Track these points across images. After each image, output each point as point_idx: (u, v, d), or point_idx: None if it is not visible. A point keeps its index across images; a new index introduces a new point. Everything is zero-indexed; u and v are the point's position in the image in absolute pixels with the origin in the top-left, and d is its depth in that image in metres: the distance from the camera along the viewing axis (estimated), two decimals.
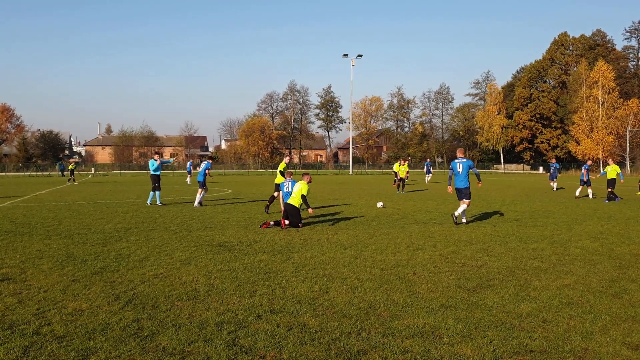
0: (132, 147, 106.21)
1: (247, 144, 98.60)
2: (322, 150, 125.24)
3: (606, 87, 76.14)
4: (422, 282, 7.34)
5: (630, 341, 4.96)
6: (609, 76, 76.19)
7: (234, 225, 13.56)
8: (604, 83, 76.10)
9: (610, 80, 76.22)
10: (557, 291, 6.80)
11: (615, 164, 23.37)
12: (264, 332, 5.22)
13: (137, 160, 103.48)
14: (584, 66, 79.98)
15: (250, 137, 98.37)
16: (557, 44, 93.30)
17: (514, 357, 4.60)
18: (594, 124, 76.95)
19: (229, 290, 6.79)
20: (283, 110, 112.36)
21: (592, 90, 77.14)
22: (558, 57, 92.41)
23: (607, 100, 76.26)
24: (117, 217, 15.50)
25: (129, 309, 5.96)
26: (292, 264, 8.46)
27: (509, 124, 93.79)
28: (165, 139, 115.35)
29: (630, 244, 10.55)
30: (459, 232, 12.28)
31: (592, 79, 77.33)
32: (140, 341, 4.96)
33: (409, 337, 5.10)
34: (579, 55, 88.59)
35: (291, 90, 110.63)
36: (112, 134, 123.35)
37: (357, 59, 74.30)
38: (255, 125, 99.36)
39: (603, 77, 76.06)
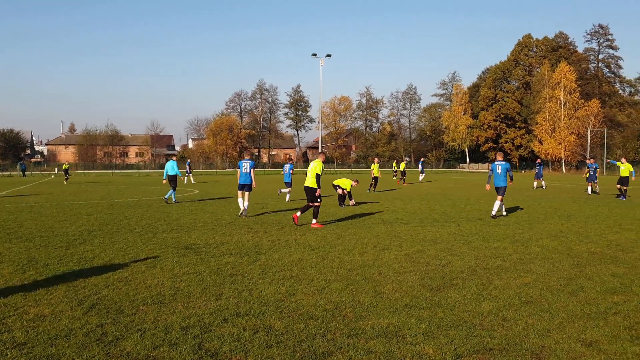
0: (96, 147, 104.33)
1: (214, 143, 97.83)
2: (291, 149, 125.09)
3: (568, 88, 78.03)
4: (387, 282, 7.45)
5: (585, 338, 5.14)
6: (570, 77, 78.14)
7: (200, 226, 13.50)
8: (565, 84, 77.99)
9: (571, 82, 78.17)
10: (517, 290, 6.99)
11: (628, 163, 23.89)
12: (230, 335, 5.24)
13: (101, 160, 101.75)
14: (547, 67, 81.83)
15: (218, 136, 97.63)
16: (521, 45, 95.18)
17: (474, 356, 4.72)
18: (556, 124, 78.78)
19: (195, 294, 6.78)
20: (252, 109, 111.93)
21: (554, 91, 78.99)
22: (522, 58, 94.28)
23: (568, 101, 78.15)
24: (81, 219, 15.27)
25: (93, 314, 5.91)
26: (259, 266, 8.49)
27: (475, 124, 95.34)
28: (130, 138, 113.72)
29: (588, 243, 10.88)
30: (424, 232, 12.47)
31: (554, 80, 79.18)
32: (104, 347, 4.93)
33: (373, 337, 5.19)
34: (542, 57, 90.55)
35: (260, 89, 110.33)
36: (76, 132, 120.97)
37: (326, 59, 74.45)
38: (224, 124, 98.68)
39: (565, 79, 77.97)
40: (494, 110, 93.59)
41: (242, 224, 14.03)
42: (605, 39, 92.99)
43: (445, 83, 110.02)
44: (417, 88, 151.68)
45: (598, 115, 77.01)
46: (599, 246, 10.44)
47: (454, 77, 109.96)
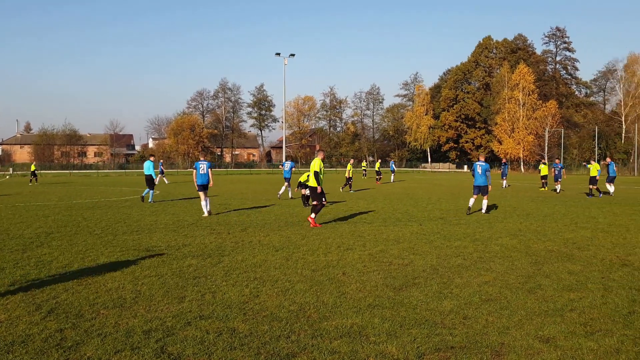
0: (53, 146, 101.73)
1: (176, 143, 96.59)
2: (254, 149, 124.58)
3: (526, 89, 79.87)
4: (351, 282, 7.50)
5: (542, 334, 5.28)
6: (529, 79, 79.99)
7: (162, 228, 13.33)
8: (524, 85, 79.79)
9: (530, 83, 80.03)
10: (478, 288, 7.12)
11: (596, 163, 25.07)
12: (193, 338, 5.20)
13: (58, 160, 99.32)
14: (506, 69, 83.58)
15: (179, 135, 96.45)
16: (482, 47, 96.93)
17: (436, 354, 4.80)
18: (515, 124, 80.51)
19: (157, 297, 6.70)
20: (214, 108, 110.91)
21: (513, 92, 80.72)
22: (482, 59, 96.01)
23: (527, 101, 79.99)
24: (38, 220, 14.90)
25: (51, 319, 5.78)
26: (223, 268, 8.44)
27: (436, 124, 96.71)
28: (89, 138, 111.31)
29: (545, 241, 11.16)
30: (387, 231, 12.58)
31: (513, 81, 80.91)
32: (64, 352, 4.83)
33: (337, 337, 5.23)
34: (502, 59, 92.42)
35: (222, 88, 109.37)
36: (32, 132, 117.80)
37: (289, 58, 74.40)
38: (185, 124, 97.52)
39: (523, 80, 79.78)
40: (455, 110, 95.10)
41: (205, 225, 13.91)
42: (562, 41, 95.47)
43: (408, 84, 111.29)
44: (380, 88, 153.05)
45: (555, 115, 79.03)
46: (556, 244, 10.73)
47: (416, 78, 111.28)
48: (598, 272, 8.12)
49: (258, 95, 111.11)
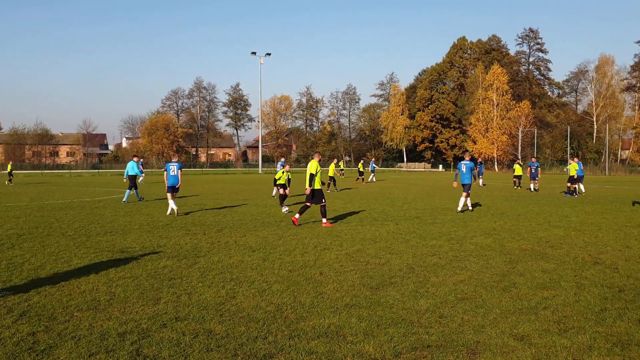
0: (24, 146, 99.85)
1: (150, 142, 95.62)
2: (230, 148, 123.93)
3: (500, 89, 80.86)
4: (328, 282, 7.51)
5: (517, 332, 5.34)
6: (502, 79, 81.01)
7: (136, 229, 13.18)
8: (498, 86, 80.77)
9: (504, 83, 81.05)
10: (453, 287, 7.19)
11: (575, 162, 25.47)
12: (169, 340, 5.15)
13: (30, 160, 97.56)
14: (480, 69, 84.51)
15: (153, 135, 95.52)
16: (456, 47, 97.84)
17: (413, 353, 4.83)
18: (489, 124, 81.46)
19: (132, 299, 6.62)
20: (189, 107, 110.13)
21: (487, 93, 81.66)
22: (457, 60, 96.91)
23: (501, 102, 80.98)
24: (9, 222, 14.61)
25: (24, 322, 5.67)
26: (198, 269, 8.37)
27: (412, 124, 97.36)
28: (61, 137, 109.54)
29: (519, 240, 11.30)
30: (364, 231, 12.63)
31: (487, 81, 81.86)
32: (36, 356, 4.74)
33: (314, 338, 5.22)
34: (476, 59, 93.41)
35: (197, 87, 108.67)
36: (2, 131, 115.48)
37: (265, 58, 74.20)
38: (159, 123, 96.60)
39: (497, 80, 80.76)
40: (430, 110, 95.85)
41: (180, 226, 13.80)
42: (535, 42, 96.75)
43: (384, 84, 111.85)
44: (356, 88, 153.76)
45: (528, 116, 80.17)
46: (529, 243, 10.87)
47: (392, 78, 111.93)
48: (571, 270, 8.25)
49: (234, 94, 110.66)
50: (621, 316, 5.83)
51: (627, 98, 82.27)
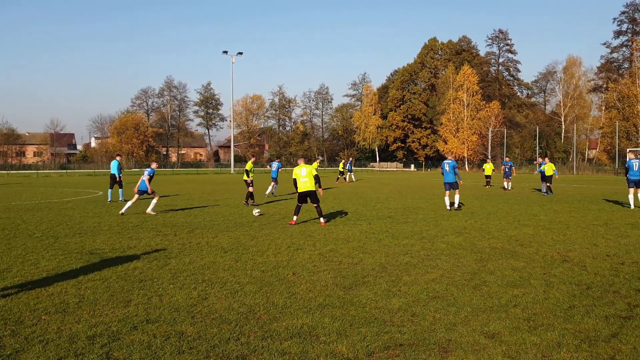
0: None
1: (119, 142, 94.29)
2: (202, 148, 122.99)
3: (470, 90, 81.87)
4: (301, 282, 7.50)
5: (488, 330, 5.41)
6: (473, 80, 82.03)
7: (105, 230, 12.98)
8: (468, 86, 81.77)
9: (474, 84, 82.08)
10: (425, 285, 7.24)
11: (550, 162, 26.18)
12: (140, 343, 5.08)
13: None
14: (451, 70, 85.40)
15: (123, 134, 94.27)
16: (427, 48, 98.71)
17: (386, 352, 4.85)
18: (459, 124, 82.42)
19: (101, 301, 6.51)
20: (159, 106, 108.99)
21: (458, 93, 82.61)
22: (428, 61, 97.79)
23: (471, 102, 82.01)
24: None
25: None
26: (170, 271, 8.27)
27: (384, 124, 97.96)
28: (28, 137, 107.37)
29: (490, 238, 11.45)
30: (337, 231, 12.65)
31: (458, 82, 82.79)
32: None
33: (287, 338, 5.21)
34: (447, 60, 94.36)
35: (168, 86, 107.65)
36: None
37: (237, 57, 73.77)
38: (129, 122, 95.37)
39: (468, 81, 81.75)
40: (402, 111, 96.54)
41: (150, 227, 13.63)
42: (505, 43, 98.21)
43: (356, 84, 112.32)
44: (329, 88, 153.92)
45: (498, 116, 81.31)
46: (499, 241, 11.02)
47: (364, 79, 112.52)
48: (540, 268, 8.39)
49: (205, 93, 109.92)
50: (589, 313, 5.95)
51: (594, 99, 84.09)
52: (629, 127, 66.67)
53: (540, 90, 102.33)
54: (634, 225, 13.58)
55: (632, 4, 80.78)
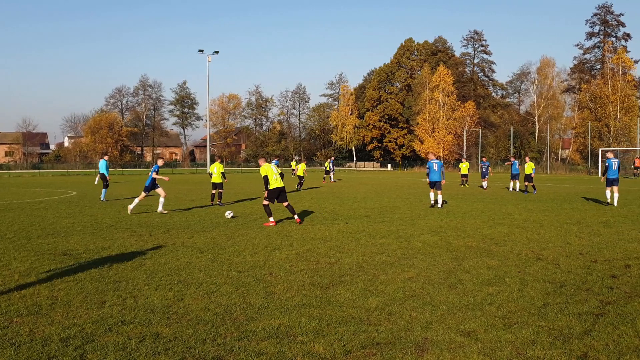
0: None
1: (93, 142, 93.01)
2: (177, 148, 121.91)
3: (446, 90, 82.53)
4: (278, 282, 7.48)
5: (463, 328, 5.46)
6: (448, 80, 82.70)
7: (79, 231, 12.79)
8: (444, 87, 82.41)
9: (449, 84, 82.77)
10: (402, 284, 7.28)
11: (530, 162, 26.91)
12: (114, 344, 5.01)
13: None
14: (427, 71, 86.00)
15: (97, 134, 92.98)
16: (404, 49, 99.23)
17: (363, 351, 4.86)
18: (435, 124, 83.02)
19: (75, 302, 6.41)
20: (134, 105, 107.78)
21: (433, 93, 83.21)
22: (404, 61, 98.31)
23: (446, 102, 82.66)
24: None
25: None
26: (145, 271, 8.18)
27: (361, 124, 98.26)
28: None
29: (465, 237, 11.56)
30: (314, 230, 12.64)
31: (434, 82, 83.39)
32: None
33: (264, 338, 5.19)
34: (423, 60, 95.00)
35: (143, 85, 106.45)
36: None
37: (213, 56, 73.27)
38: (103, 122, 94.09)
39: (443, 81, 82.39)
40: (379, 111, 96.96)
41: (125, 227, 13.47)
42: (480, 44, 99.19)
43: (333, 84, 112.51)
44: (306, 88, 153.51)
45: (473, 116, 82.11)
46: (475, 240, 11.13)
47: (341, 78, 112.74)
48: (515, 266, 8.49)
49: (180, 92, 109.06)
50: (562, 310, 6.04)
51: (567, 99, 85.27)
52: (601, 127, 67.87)
53: (514, 91, 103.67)
54: (605, 223, 13.82)
55: (603, 6, 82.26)
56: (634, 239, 11.27)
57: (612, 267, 8.41)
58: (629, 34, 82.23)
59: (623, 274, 7.87)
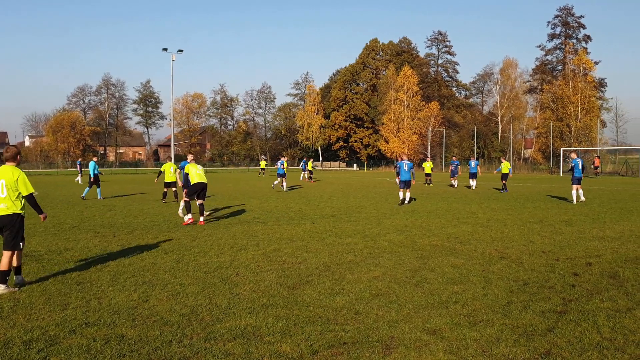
0: None
1: (55, 141, 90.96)
2: (140, 147, 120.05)
3: (410, 90, 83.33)
4: (244, 282, 7.45)
5: (429, 327, 5.53)
6: (413, 80, 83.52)
7: (41, 231, 12.50)
8: (408, 87, 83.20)
9: (414, 85, 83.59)
10: (368, 283, 7.34)
11: (507, 161, 28.34)
12: (78, 347, 4.93)
13: None
14: (392, 71, 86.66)
15: (59, 133, 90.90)
16: (369, 49, 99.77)
17: (330, 351, 4.88)
18: (400, 124, 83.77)
19: (38, 305, 6.28)
20: (97, 104, 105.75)
21: (398, 94, 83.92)
22: (369, 61, 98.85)
23: (411, 102, 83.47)
24: None
25: None
26: (109, 273, 8.05)
27: (327, 124, 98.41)
28: None
29: (430, 236, 11.70)
30: (280, 230, 12.63)
31: (398, 83, 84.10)
32: None
33: (230, 339, 5.17)
34: (388, 61, 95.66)
35: (106, 83, 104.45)
36: None
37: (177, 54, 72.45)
38: (65, 121, 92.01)
39: (408, 82, 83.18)
40: (344, 110, 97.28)
41: (88, 228, 13.23)
42: (444, 45, 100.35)
43: (299, 83, 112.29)
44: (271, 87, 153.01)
45: (437, 116, 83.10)
46: (440, 239, 11.28)
47: (307, 78, 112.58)
48: (479, 265, 8.64)
49: (144, 91, 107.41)
50: (526, 308, 6.17)
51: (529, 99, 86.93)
52: (562, 127, 69.41)
53: (478, 91, 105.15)
54: (567, 222, 14.17)
55: (564, 8, 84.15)
56: (594, 237, 11.58)
57: (574, 265, 8.63)
58: (589, 35, 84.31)
59: (584, 272, 8.08)
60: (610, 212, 16.48)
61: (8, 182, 7.20)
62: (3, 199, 7.18)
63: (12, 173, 7.25)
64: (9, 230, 7.17)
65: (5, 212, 7.16)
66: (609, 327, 5.51)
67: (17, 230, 7.23)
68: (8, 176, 7.21)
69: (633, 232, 12.20)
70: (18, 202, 7.33)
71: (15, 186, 7.26)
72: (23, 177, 7.32)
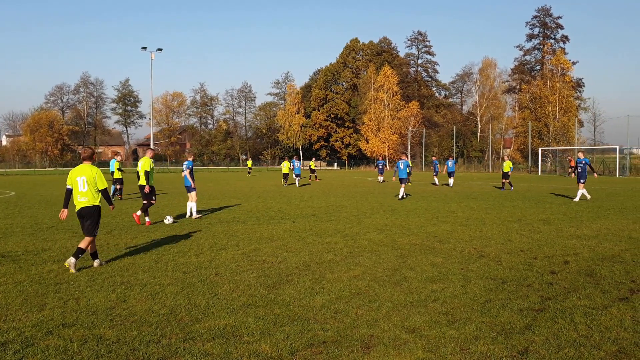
0: None
1: (32, 141, 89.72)
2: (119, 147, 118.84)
3: (391, 90, 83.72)
4: (224, 282, 7.43)
5: (409, 325, 5.57)
6: (393, 80, 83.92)
7: (18, 232, 12.33)
8: (388, 87, 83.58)
9: (394, 84, 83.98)
10: (348, 282, 7.36)
11: (509, 160, 29.05)
12: (55, 348, 4.88)
13: None
14: (372, 71, 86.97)
15: (36, 132, 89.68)
16: (349, 49, 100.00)
17: (309, 350, 4.89)
18: (380, 124, 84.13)
19: (14, 306, 6.19)
20: (75, 103, 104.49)
21: (378, 93, 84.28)
22: (350, 61, 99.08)
23: (391, 102, 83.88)
24: None
25: None
26: (87, 273, 7.97)
27: (307, 123, 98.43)
28: None
29: (409, 235, 11.77)
30: (260, 230, 12.61)
31: (378, 82, 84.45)
32: None
33: (210, 339, 5.15)
34: (368, 60, 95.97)
35: (84, 82, 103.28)
36: None
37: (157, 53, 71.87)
38: (43, 120, 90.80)
39: (388, 81, 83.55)
40: (325, 110, 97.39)
41: (66, 228, 13.07)
42: (423, 45, 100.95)
43: (279, 82, 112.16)
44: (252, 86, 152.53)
45: (417, 116, 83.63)
46: (419, 238, 11.35)
47: (287, 77, 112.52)
48: (458, 263, 8.71)
49: (123, 90, 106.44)
50: (504, 306, 6.24)
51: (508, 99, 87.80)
52: (540, 126, 70.21)
53: (457, 91, 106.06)
54: (546, 221, 14.34)
55: (543, 8, 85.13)
56: (572, 235, 11.74)
57: (552, 263, 8.75)
58: (567, 36, 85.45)
59: (562, 270, 8.19)
60: (587, 211, 16.72)
61: (88, 178, 8.36)
62: (84, 192, 8.34)
63: (90, 170, 8.43)
64: (90, 219, 8.36)
65: (86, 204, 8.35)
66: (585, 324, 5.60)
67: (96, 220, 8.43)
68: (88, 173, 8.40)
69: (610, 231, 12.39)
70: (97, 195, 8.45)
71: (94, 181, 8.38)
72: (100, 174, 8.48)
